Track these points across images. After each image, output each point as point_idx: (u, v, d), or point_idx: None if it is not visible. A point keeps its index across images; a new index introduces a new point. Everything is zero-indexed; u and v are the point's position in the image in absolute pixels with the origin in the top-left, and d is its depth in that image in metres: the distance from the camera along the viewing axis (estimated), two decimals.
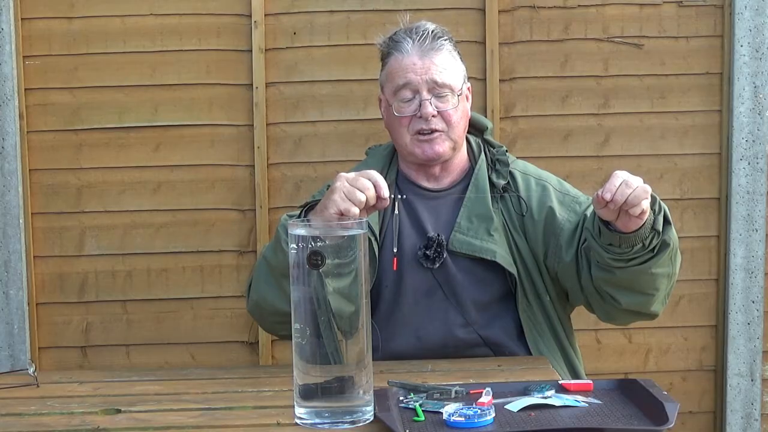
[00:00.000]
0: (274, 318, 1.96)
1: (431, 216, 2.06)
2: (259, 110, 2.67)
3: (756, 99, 2.67)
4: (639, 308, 1.98)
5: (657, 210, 1.83)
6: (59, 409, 1.62)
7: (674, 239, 1.88)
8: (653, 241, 1.84)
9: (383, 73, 2.08)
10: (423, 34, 2.02)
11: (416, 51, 2.01)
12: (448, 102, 2.01)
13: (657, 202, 1.83)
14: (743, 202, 2.69)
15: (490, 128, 2.18)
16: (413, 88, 2.00)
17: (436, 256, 2.00)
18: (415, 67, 2.00)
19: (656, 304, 1.99)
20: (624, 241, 1.83)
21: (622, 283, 1.91)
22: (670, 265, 1.91)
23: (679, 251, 1.94)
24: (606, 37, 2.70)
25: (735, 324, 2.72)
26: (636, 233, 1.81)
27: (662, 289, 1.95)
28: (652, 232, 1.83)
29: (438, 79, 2.00)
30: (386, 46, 2.07)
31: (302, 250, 1.46)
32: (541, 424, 1.44)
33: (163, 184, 2.70)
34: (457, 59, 2.06)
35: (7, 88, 2.62)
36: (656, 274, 1.90)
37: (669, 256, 1.88)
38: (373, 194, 1.72)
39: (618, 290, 1.94)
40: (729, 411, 2.75)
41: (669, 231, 1.86)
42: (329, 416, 1.46)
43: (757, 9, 2.64)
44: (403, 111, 2.02)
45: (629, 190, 1.72)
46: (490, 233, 2.00)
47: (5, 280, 2.66)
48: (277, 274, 1.87)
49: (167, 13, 2.67)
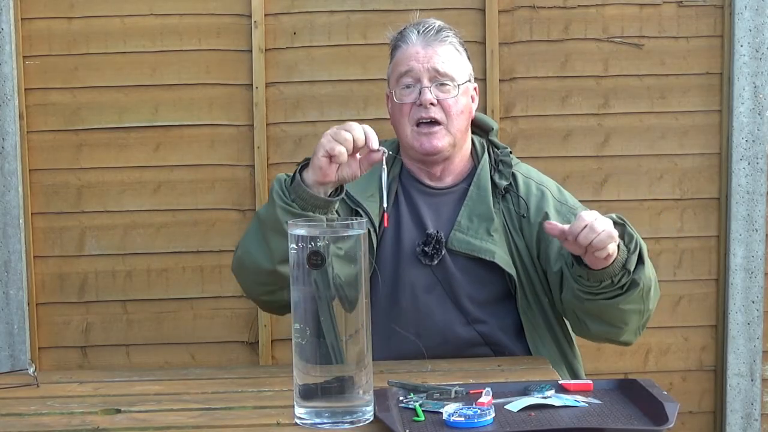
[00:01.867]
0: (255, 278, 1.94)
1: (432, 213, 2.06)
2: (259, 110, 2.67)
3: (756, 99, 2.67)
4: (608, 336, 2.00)
5: (633, 248, 1.83)
6: (59, 409, 1.62)
7: (646, 279, 1.86)
8: (622, 279, 1.84)
9: (390, 67, 2.09)
10: (429, 27, 2.04)
11: (420, 41, 2.03)
12: (449, 92, 2.01)
13: (634, 240, 1.83)
14: (743, 202, 2.69)
15: (495, 129, 2.18)
16: (414, 76, 2.01)
17: (434, 253, 2.00)
18: (418, 55, 2.01)
19: (627, 336, 1.98)
20: (592, 276, 1.83)
21: (591, 311, 1.92)
22: (641, 303, 1.89)
23: (655, 289, 1.92)
24: (606, 37, 2.70)
25: (735, 324, 2.72)
26: (604, 271, 1.81)
27: (632, 324, 1.94)
28: (622, 271, 1.83)
29: (440, 68, 2.01)
30: (394, 39, 2.09)
31: (302, 250, 1.46)
32: (541, 424, 1.44)
33: (163, 184, 2.70)
34: (462, 55, 2.07)
35: (7, 88, 2.62)
36: (625, 310, 1.89)
37: (639, 295, 1.86)
38: (360, 136, 1.75)
39: (588, 317, 1.95)
40: (729, 411, 2.75)
41: (641, 271, 1.84)
42: (329, 416, 1.46)
43: (757, 9, 2.64)
44: (404, 98, 2.02)
45: (593, 235, 1.71)
46: (490, 233, 2.00)
47: (5, 280, 2.66)
48: (266, 228, 1.86)
49: (167, 13, 2.67)
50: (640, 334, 2.01)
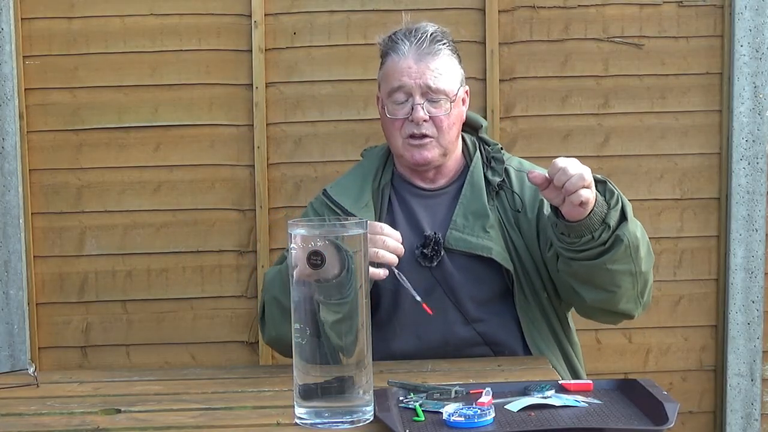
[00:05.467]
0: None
1: (427, 214, 2.06)
2: (259, 110, 2.67)
3: (756, 99, 2.67)
4: (605, 306, 1.96)
5: (613, 204, 1.81)
6: (59, 409, 1.62)
7: (631, 236, 1.83)
8: (602, 235, 1.82)
9: (380, 72, 2.08)
10: (421, 37, 2.01)
11: (413, 54, 2.00)
12: (441, 107, 2.00)
13: (615, 196, 1.82)
14: (743, 202, 2.69)
15: (484, 126, 2.18)
16: (407, 92, 2.00)
17: (433, 255, 2.01)
18: (410, 70, 1.99)
19: (625, 303, 1.94)
20: (572, 230, 1.81)
21: (581, 276, 1.90)
22: (630, 263, 1.86)
23: (647, 251, 1.90)
24: (606, 37, 2.70)
25: (735, 324, 2.72)
26: (582, 224, 1.79)
27: (626, 288, 1.90)
28: (602, 225, 1.81)
29: (432, 85, 1.99)
30: (385, 45, 2.06)
31: (302, 250, 1.46)
32: (541, 424, 1.44)
33: (163, 184, 2.70)
34: (455, 63, 2.05)
35: (7, 88, 2.62)
36: (614, 271, 1.86)
37: (627, 253, 1.84)
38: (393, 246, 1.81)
39: (580, 285, 1.92)
40: (729, 411, 2.75)
41: (624, 227, 1.82)
42: (329, 416, 1.46)
43: (757, 9, 2.64)
44: (396, 114, 2.01)
45: (565, 177, 1.70)
46: (486, 230, 2.00)
47: (5, 280, 2.66)
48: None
49: (167, 13, 2.67)
50: (641, 305, 1.97)
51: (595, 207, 1.78)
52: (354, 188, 2.09)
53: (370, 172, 2.12)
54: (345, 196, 2.07)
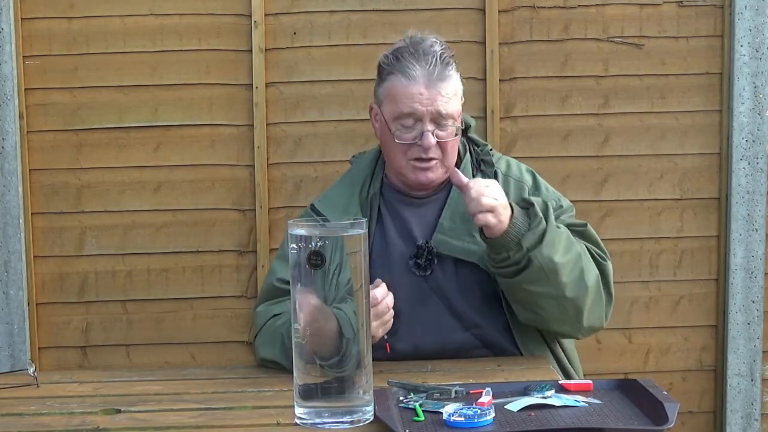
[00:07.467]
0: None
1: (418, 221, 2.05)
2: (259, 110, 2.67)
3: (756, 99, 2.67)
4: (538, 326, 2.00)
5: (534, 226, 1.85)
6: (59, 409, 1.62)
7: (545, 259, 1.84)
8: (516, 255, 1.85)
9: (382, 89, 2.03)
10: (432, 62, 1.97)
11: (424, 80, 1.96)
12: (447, 129, 1.99)
13: (538, 219, 1.85)
14: (743, 202, 2.69)
15: (473, 126, 2.17)
16: (417, 117, 1.97)
17: (427, 264, 2.01)
18: (422, 97, 1.96)
19: (559, 326, 1.97)
20: (489, 246, 1.88)
21: (508, 294, 1.95)
22: (550, 287, 1.87)
23: (574, 277, 1.88)
24: (606, 37, 2.70)
25: (735, 324, 2.72)
26: (496, 241, 1.85)
27: (550, 311, 1.91)
28: (517, 246, 1.84)
29: (443, 111, 1.97)
30: (390, 64, 2.00)
31: (302, 250, 1.46)
32: (541, 424, 1.44)
33: (163, 184, 2.70)
34: (459, 80, 2.02)
35: (7, 88, 2.62)
36: (532, 292, 1.88)
37: (542, 276, 1.85)
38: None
39: (512, 303, 1.97)
40: (729, 411, 2.75)
41: (538, 250, 1.84)
42: (329, 416, 1.46)
43: (757, 9, 2.64)
44: (404, 138, 1.99)
45: (467, 200, 1.81)
46: (472, 234, 1.99)
47: (5, 280, 2.66)
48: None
49: (167, 13, 2.67)
50: (582, 330, 1.99)
51: (512, 228, 1.83)
52: (341, 201, 2.08)
53: (358, 182, 2.11)
54: (332, 209, 2.06)
